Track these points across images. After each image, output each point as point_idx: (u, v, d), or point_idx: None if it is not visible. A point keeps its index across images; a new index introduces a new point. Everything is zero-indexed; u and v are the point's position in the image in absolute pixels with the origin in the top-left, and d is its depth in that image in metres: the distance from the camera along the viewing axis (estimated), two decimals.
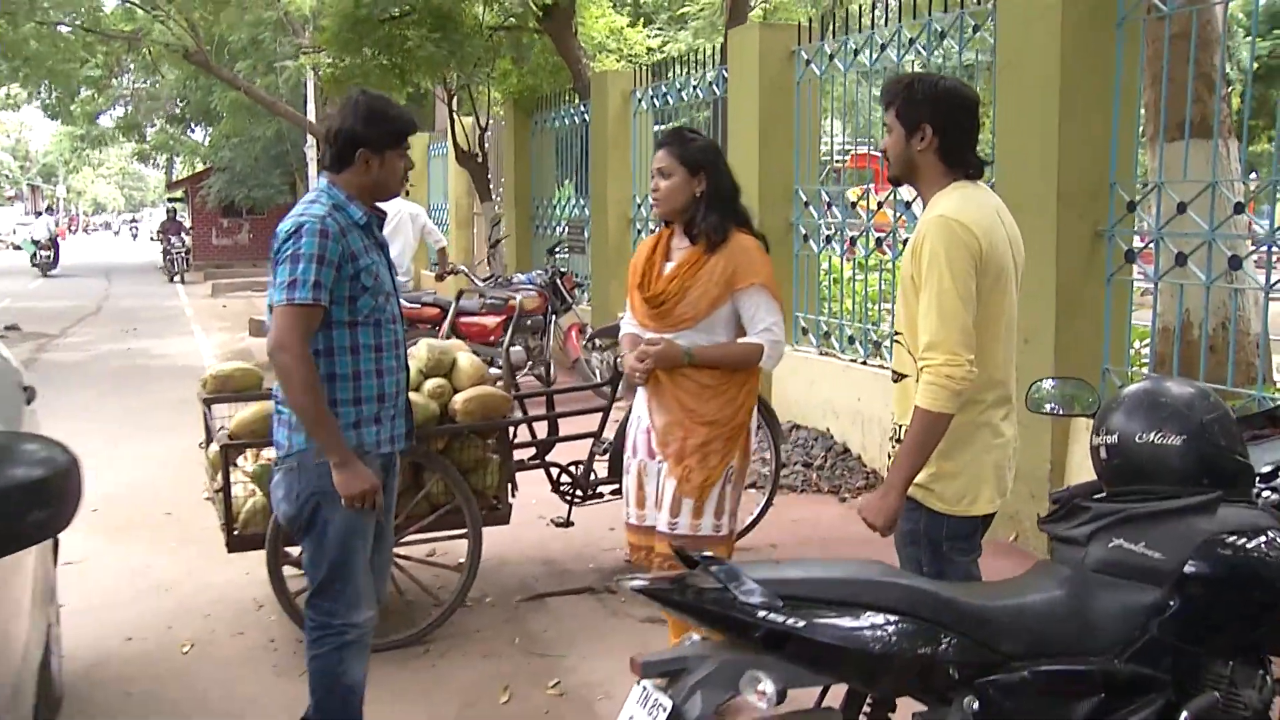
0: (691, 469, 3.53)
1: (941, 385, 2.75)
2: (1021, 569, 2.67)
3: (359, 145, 3.12)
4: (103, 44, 20.96)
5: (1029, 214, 5.17)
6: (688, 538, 3.50)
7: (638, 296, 3.63)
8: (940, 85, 2.95)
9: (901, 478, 2.84)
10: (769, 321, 3.54)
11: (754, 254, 3.55)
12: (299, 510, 3.16)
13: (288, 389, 3.06)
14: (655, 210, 3.63)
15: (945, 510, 2.93)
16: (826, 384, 7.18)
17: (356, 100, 3.17)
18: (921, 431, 2.80)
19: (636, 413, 3.74)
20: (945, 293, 2.78)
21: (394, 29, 10.69)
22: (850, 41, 7.03)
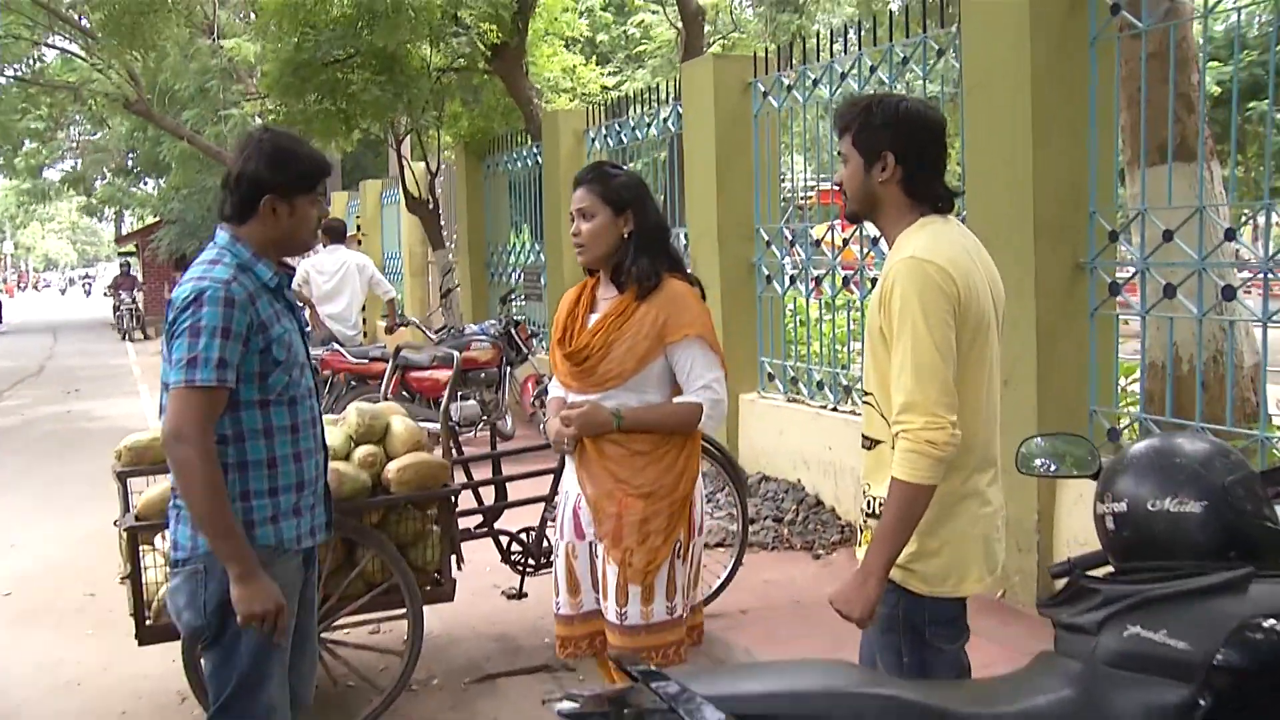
0: (632, 551, 3.13)
1: (921, 453, 2.39)
2: (1009, 627, 2.28)
3: (265, 191, 2.70)
4: (47, 95, 20.56)
5: (1004, 248, 4.86)
6: (641, 628, 3.11)
7: (558, 353, 3.24)
8: (902, 107, 2.59)
9: (881, 561, 2.46)
10: (708, 378, 3.15)
11: (689, 302, 3.18)
12: (205, 621, 2.70)
13: (186, 489, 2.61)
14: (579, 258, 3.24)
15: (927, 592, 2.56)
16: (795, 432, 6.80)
17: (260, 139, 2.75)
18: (902, 507, 2.43)
19: (565, 486, 3.34)
20: (921, 345, 2.42)
21: (337, 73, 10.33)
22: (808, 72, 6.72)
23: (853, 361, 6.84)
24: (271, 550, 2.73)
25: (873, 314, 2.56)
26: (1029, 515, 4.92)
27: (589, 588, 3.25)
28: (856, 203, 2.65)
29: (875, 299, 2.55)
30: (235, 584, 2.62)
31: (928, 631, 2.60)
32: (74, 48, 18.57)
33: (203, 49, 16.19)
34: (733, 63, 7.47)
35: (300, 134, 11.22)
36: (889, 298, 2.47)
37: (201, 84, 16.90)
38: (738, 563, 5.33)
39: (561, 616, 3.30)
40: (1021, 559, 4.96)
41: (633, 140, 8.85)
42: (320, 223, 2.88)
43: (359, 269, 9.60)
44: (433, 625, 4.92)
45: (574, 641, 3.29)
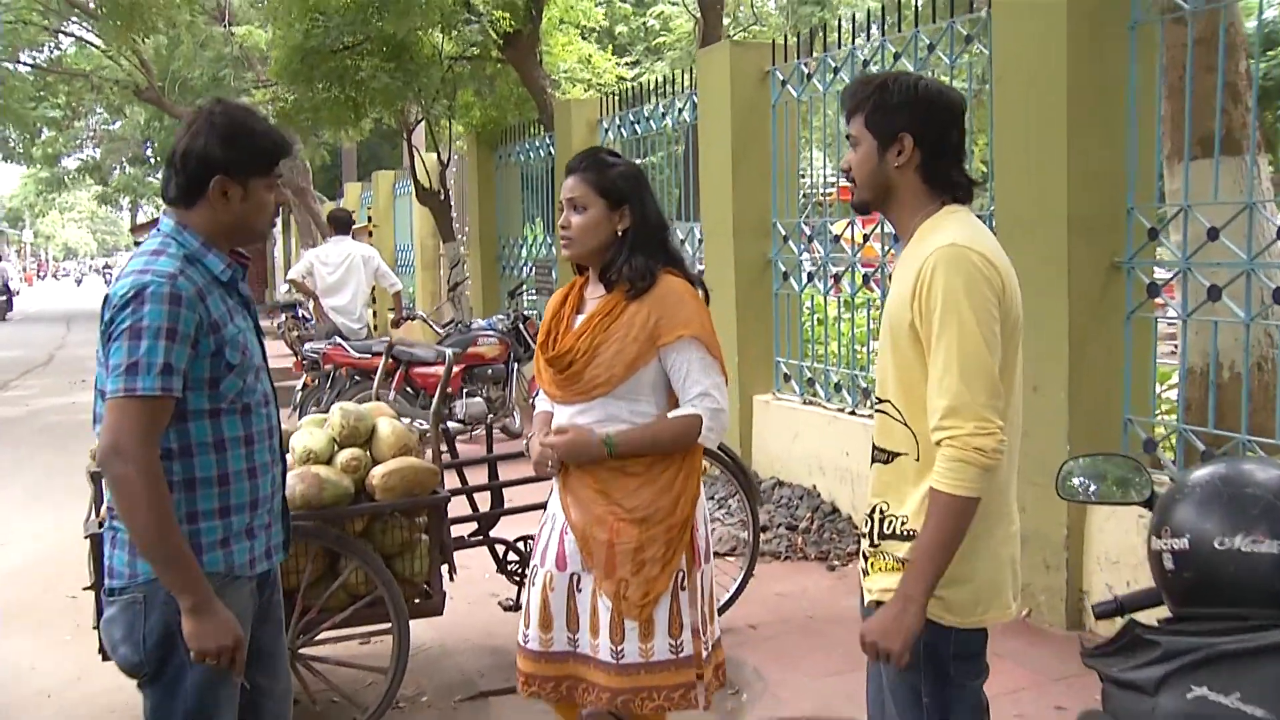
0: (627, 583, 2.82)
1: (968, 461, 2.14)
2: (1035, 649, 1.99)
3: (215, 171, 2.40)
4: (64, 83, 20.44)
5: (1034, 245, 4.57)
6: (639, 667, 2.82)
7: (540, 357, 2.94)
8: (921, 85, 2.33)
9: (923, 586, 2.19)
10: (705, 384, 2.83)
11: (685, 299, 2.87)
12: (144, 656, 2.40)
13: (127, 512, 2.30)
14: (565, 252, 2.92)
15: (955, 623, 2.29)
16: (811, 436, 6.51)
17: (211, 112, 2.44)
18: (946, 523, 2.17)
19: (552, 509, 3.02)
20: (968, 342, 2.16)
21: (346, 60, 10.07)
22: (830, 59, 6.42)
23: (871, 363, 6.55)
24: (221, 577, 2.44)
25: (898, 310, 2.28)
26: (1057, 530, 4.63)
27: (561, 625, 2.93)
28: (868, 190, 2.37)
29: (903, 292, 2.27)
30: (188, 617, 2.33)
31: (952, 667, 2.33)
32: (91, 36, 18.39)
33: (215, 36, 15.99)
34: (751, 50, 7.16)
35: (309, 122, 11.09)
36: (927, 288, 2.20)
37: (215, 72, 16.69)
38: (748, 573, 5.05)
39: (528, 651, 2.98)
40: (1049, 576, 4.67)
41: (647, 131, 8.56)
42: (277, 210, 2.60)
43: (364, 260, 9.37)
44: (424, 636, 4.68)
45: (538, 681, 2.97)
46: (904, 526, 2.29)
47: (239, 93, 15.68)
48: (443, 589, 4.09)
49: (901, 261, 2.35)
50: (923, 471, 2.26)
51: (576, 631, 2.90)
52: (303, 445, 3.84)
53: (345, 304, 9.24)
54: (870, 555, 2.38)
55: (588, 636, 2.89)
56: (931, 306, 2.19)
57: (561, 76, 11.99)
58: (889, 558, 2.32)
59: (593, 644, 2.88)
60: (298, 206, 18.60)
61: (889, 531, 2.33)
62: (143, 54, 16.40)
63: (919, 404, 2.25)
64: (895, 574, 2.28)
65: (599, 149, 2.98)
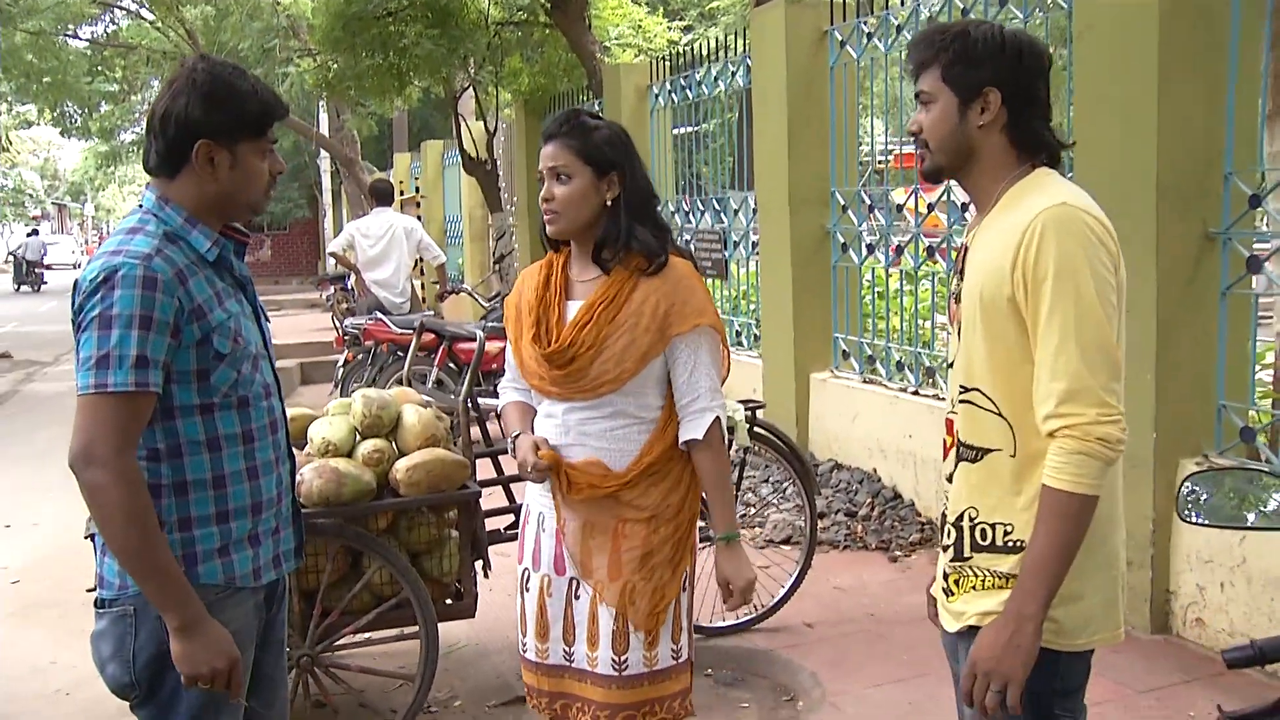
0: (636, 589, 2.53)
1: (1091, 454, 1.86)
2: (1119, 655, 1.70)
3: (198, 135, 2.11)
4: (120, 57, 20.45)
5: (1120, 215, 4.07)
6: (644, 677, 2.55)
7: (531, 351, 2.60)
8: (1007, 35, 2.01)
9: (1040, 600, 1.90)
10: (704, 388, 2.56)
11: (694, 283, 2.58)
12: (134, 676, 2.15)
13: (103, 522, 2.04)
14: (550, 228, 2.59)
15: (1064, 647, 1.98)
16: (872, 417, 6.15)
17: (193, 69, 2.15)
18: (1066, 527, 1.88)
19: (537, 508, 2.70)
20: (1088, 316, 1.88)
21: (389, 26, 9.79)
22: (891, 17, 6.01)
23: (936, 339, 6.17)
24: (219, 590, 2.17)
25: (992, 282, 1.96)
26: (1142, 525, 4.25)
27: (558, 636, 2.63)
28: (945, 154, 2.06)
29: (998, 262, 1.95)
30: (175, 637, 2.07)
31: (1055, 703, 2.04)
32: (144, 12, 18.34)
33: (264, 6, 15.80)
34: (807, 9, 6.75)
35: (352, 91, 10.83)
36: (1031, 256, 1.90)
37: (264, 43, 16.50)
38: (806, 565, 4.73)
39: (527, 660, 2.71)
40: (1132, 575, 4.29)
41: (699, 97, 8.19)
42: (274, 180, 2.29)
43: (407, 233, 9.13)
44: (457, 634, 4.41)
45: (537, 695, 2.70)
46: (1007, 537, 1.99)
47: (285, 62, 15.49)
48: (475, 588, 3.83)
49: (988, 230, 2.02)
50: (1022, 470, 1.97)
51: (573, 644, 2.61)
52: (322, 436, 3.58)
53: (387, 277, 9.02)
54: (955, 571, 2.06)
55: (584, 649, 2.59)
56: (1040, 275, 1.89)
57: (611, 42, 11.62)
58: (986, 574, 2.01)
59: (590, 657, 2.58)
60: (347, 177, 18.43)
61: (985, 542, 2.02)
62: (190, 25, 16.27)
63: (1017, 390, 1.96)
64: (998, 593, 1.98)
65: (578, 110, 2.64)
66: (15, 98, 23.05)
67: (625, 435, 2.56)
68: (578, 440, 2.57)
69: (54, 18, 16.92)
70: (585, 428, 2.56)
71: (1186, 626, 4.20)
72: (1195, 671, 3.96)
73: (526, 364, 2.62)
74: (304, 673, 3.58)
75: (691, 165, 8.85)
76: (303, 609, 3.55)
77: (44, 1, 16.31)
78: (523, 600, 2.69)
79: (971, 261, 2.05)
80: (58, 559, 5.81)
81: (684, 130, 8.77)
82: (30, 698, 4.25)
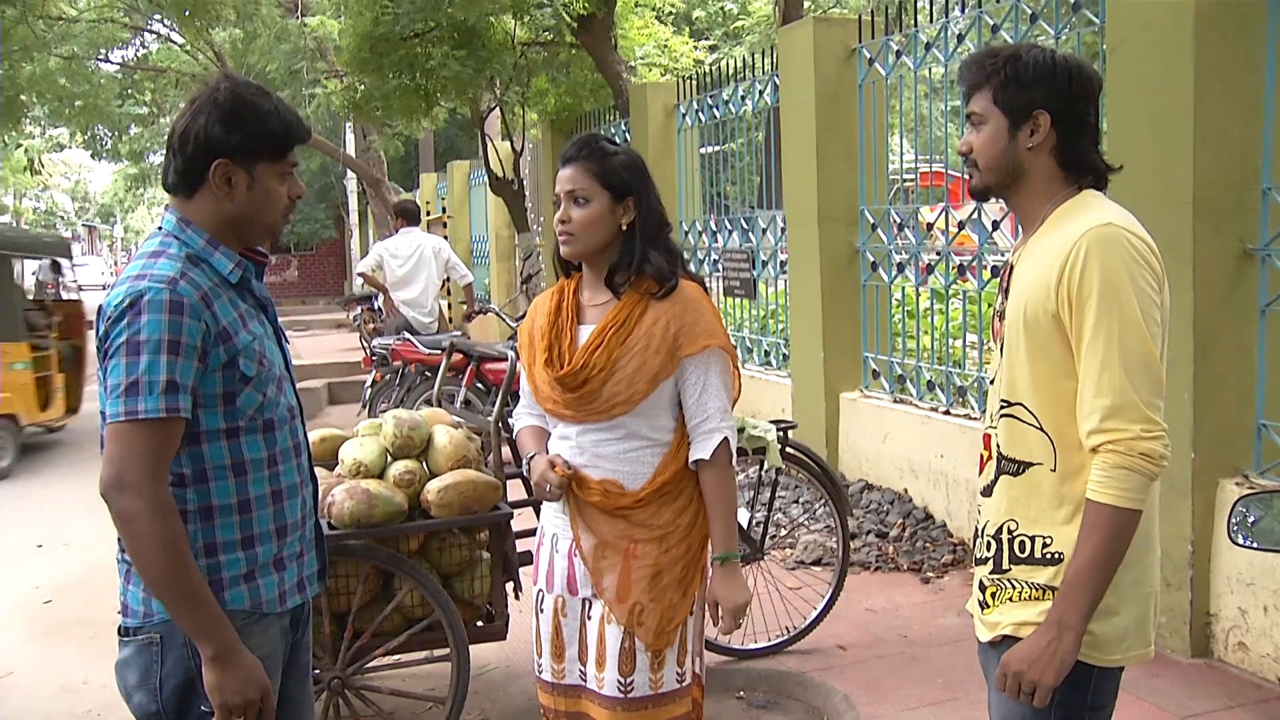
0: (643, 609, 2.52)
1: (1134, 469, 1.89)
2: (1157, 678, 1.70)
3: (216, 154, 2.10)
4: (150, 80, 20.62)
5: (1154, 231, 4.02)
6: (648, 700, 2.54)
7: (544, 375, 2.61)
8: (1058, 59, 2.05)
9: (1082, 610, 1.92)
10: (714, 408, 2.55)
11: (703, 305, 2.59)
12: (162, 705, 2.12)
13: (136, 551, 2.01)
14: (565, 250, 2.60)
15: (1100, 661, 1.99)
16: (902, 437, 6.10)
17: (215, 88, 2.14)
18: (1109, 540, 1.91)
19: (551, 529, 2.69)
20: (1131, 333, 1.91)
21: (416, 47, 9.82)
22: (920, 33, 5.98)
23: (967, 359, 6.12)
24: (246, 615, 2.15)
25: (1036, 300, 1.99)
26: (1181, 546, 4.19)
27: (574, 656, 2.63)
28: (994, 174, 2.09)
29: (1043, 280, 1.98)
30: (209, 666, 2.05)
31: (1087, 717, 2.04)
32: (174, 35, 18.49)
33: (291, 29, 15.90)
34: (835, 26, 6.74)
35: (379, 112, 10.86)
36: (1076, 274, 1.93)
37: (291, 65, 16.61)
38: (838, 587, 4.68)
39: (543, 682, 2.70)
40: (1170, 596, 4.23)
41: (726, 115, 8.18)
42: (294, 203, 2.27)
43: (435, 252, 9.15)
44: (489, 657, 4.39)
45: (555, 715, 2.69)
46: (1045, 549, 2.01)
47: (312, 83, 15.57)
48: (506, 610, 3.80)
49: (1034, 250, 2.05)
50: (1063, 484, 2.00)
51: (586, 664, 2.61)
52: (353, 457, 3.56)
53: (415, 296, 9.04)
54: (993, 584, 2.08)
55: (593, 669, 2.59)
56: (1085, 293, 1.92)
57: (637, 61, 11.62)
58: (1024, 585, 2.03)
59: (597, 678, 2.57)
60: (374, 198, 18.51)
61: (1024, 554, 2.04)
62: (218, 48, 16.40)
63: (1060, 405, 1.99)
64: (1034, 604, 2.01)
65: (596, 135, 2.66)
66: (48, 121, 23.25)
67: (639, 457, 2.57)
68: (592, 462, 2.58)
69: (87, 42, 17.07)
70: (599, 449, 2.57)
71: (1228, 650, 4.13)
72: (1239, 697, 3.88)
73: (540, 388, 2.63)
74: (335, 695, 3.56)
75: (718, 184, 8.84)
76: (334, 630, 3.53)
77: (78, 27, 16.48)
78: (537, 621, 2.69)
79: (1016, 279, 2.08)
80: (90, 579, 5.83)
81: (711, 149, 8.77)
82: (62, 717, 4.24)
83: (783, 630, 4.54)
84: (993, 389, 2.15)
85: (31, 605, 5.58)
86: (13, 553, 6.55)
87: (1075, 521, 1.96)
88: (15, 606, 5.57)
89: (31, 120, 21.91)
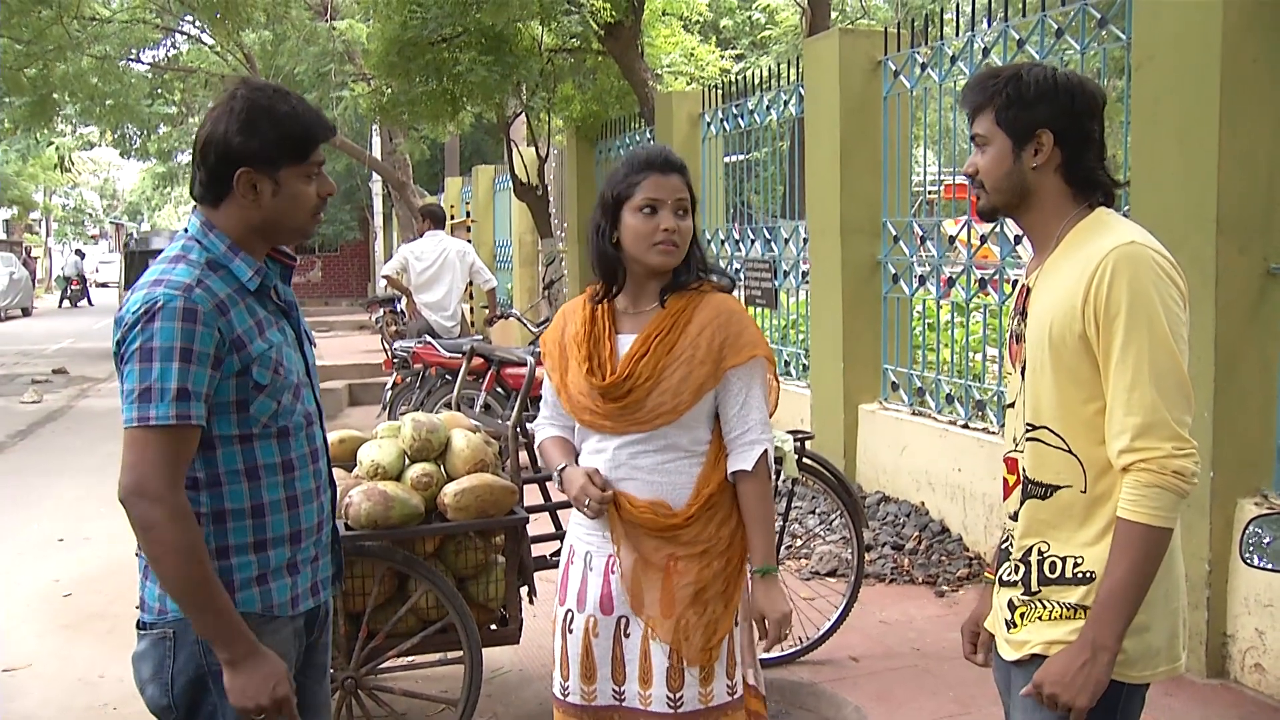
0: (689, 625, 2.49)
1: (1166, 487, 1.89)
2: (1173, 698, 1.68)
3: (238, 163, 2.10)
4: (179, 80, 20.81)
5: (1177, 248, 4.03)
6: (699, 714, 2.52)
7: (582, 385, 2.57)
8: (1060, 76, 2.06)
9: (1116, 630, 1.92)
10: (755, 420, 2.55)
11: (744, 316, 2.59)
12: (172, 699, 2.14)
13: (155, 557, 2.03)
14: (668, 259, 2.53)
15: (1130, 679, 1.98)
16: (920, 450, 6.09)
17: (234, 96, 2.15)
18: (1143, 558, 1.91)
19: (583, 547, 2.65)
20: (1161, 351, 1.91)
21: (443, 52, 9.88)
22: (946, 47, 5.98)
23: (987, 372, 6.10)
24: (257, 618, 2.16)
25: (1061, 320, 1.99)
26: (1198, 566, 4.16)
27: (606, 675, 2.58)
28: (1000, 194, 2.10)
29: (1068, 300, 1.98)
30: (228, 670, 2.07)
31: None
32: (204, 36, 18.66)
33: (320, 31, 16.02)
34: (860, 38, 6.75)
35: (406, 116, 10.92)
36: (1103, 294, 1.93)
37: (319, 67, 16.73)
38: (852, 598, 4.69)
39: (568, 705, 2.62)
40: (1189, 616, 4.19)
41: (751, 125, 8.19)
42: (323, 204, 2.26)
43: (459, 256, 9.19)
44: (502, 660, 4.40)
45: None
46: (1077, 569, 2.00)
47: (340, 86, 15.69)
48: (520, 614, 3.82)
49: (1053, 271, 2.05)
50: (1093, 504, 1.99)
51: (623, 683, 2.57)
52: (371, 459, 3.59)
53: (439, 299, 9.08)
54: (1023, 605, 2.07)
55: (636, 687, 2.55)
56: (1114, 312, 1.92)
57: (663, 69, 11.66)
58: (1055, 605, 2.03)
59: (643, 695, 2.54)
60: (398, 200, 18.61)
61: (1053, 575, 2.04)
62: (247, 49, 16.55)
63: (1088, 426, 1.98)
64: (1065, 623, 2.00)
65: (665, 147, 2.66)
66: (79, 120, 23.49)
67: (676, 468, 2.54)
68: (628, 475, 2.54)
69: (119, 43, 17.25)
70: (637, 461, 2.54)
71: (1245, 672, 4.10)
72: (1254, 719, 3.86)
73: (575, 399, 2.58)
74: (348, 695, 3.58)
75: (742, 193, 8.85)
76: (348, 631, 3.55)
77: (110, 27, 16.65)
78: (564, 643, 2.62)
79: (1036, 302, 2.06)
80: (109, 573, 5.88)
81: (735, 158, 8.77)
82: (80, 710, 4.29)
83: (796, 640, 4.53)
84: (1013, 412, 2.14)
85: (52, 598, 5.64)
86: (34, 546, 6.62)
87: (1106, 540, 1.95)
88: (36, 599, 5.62)
89: (63, 119, 22.12)
